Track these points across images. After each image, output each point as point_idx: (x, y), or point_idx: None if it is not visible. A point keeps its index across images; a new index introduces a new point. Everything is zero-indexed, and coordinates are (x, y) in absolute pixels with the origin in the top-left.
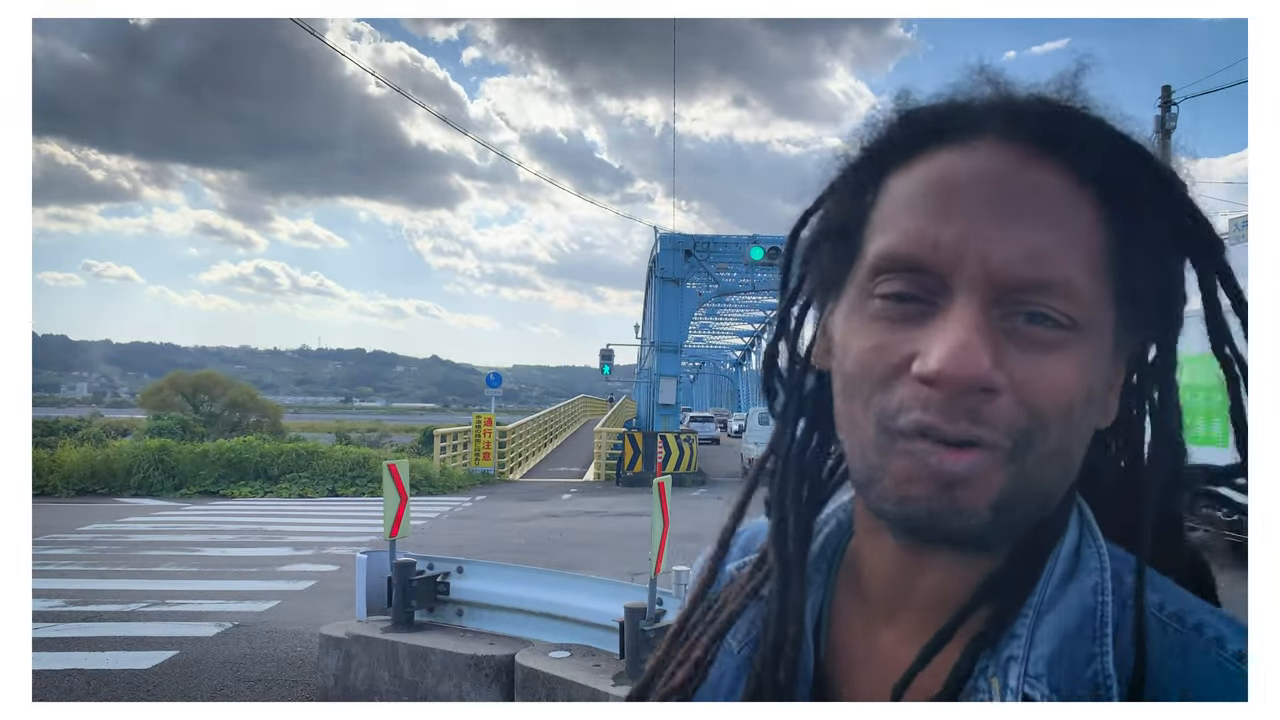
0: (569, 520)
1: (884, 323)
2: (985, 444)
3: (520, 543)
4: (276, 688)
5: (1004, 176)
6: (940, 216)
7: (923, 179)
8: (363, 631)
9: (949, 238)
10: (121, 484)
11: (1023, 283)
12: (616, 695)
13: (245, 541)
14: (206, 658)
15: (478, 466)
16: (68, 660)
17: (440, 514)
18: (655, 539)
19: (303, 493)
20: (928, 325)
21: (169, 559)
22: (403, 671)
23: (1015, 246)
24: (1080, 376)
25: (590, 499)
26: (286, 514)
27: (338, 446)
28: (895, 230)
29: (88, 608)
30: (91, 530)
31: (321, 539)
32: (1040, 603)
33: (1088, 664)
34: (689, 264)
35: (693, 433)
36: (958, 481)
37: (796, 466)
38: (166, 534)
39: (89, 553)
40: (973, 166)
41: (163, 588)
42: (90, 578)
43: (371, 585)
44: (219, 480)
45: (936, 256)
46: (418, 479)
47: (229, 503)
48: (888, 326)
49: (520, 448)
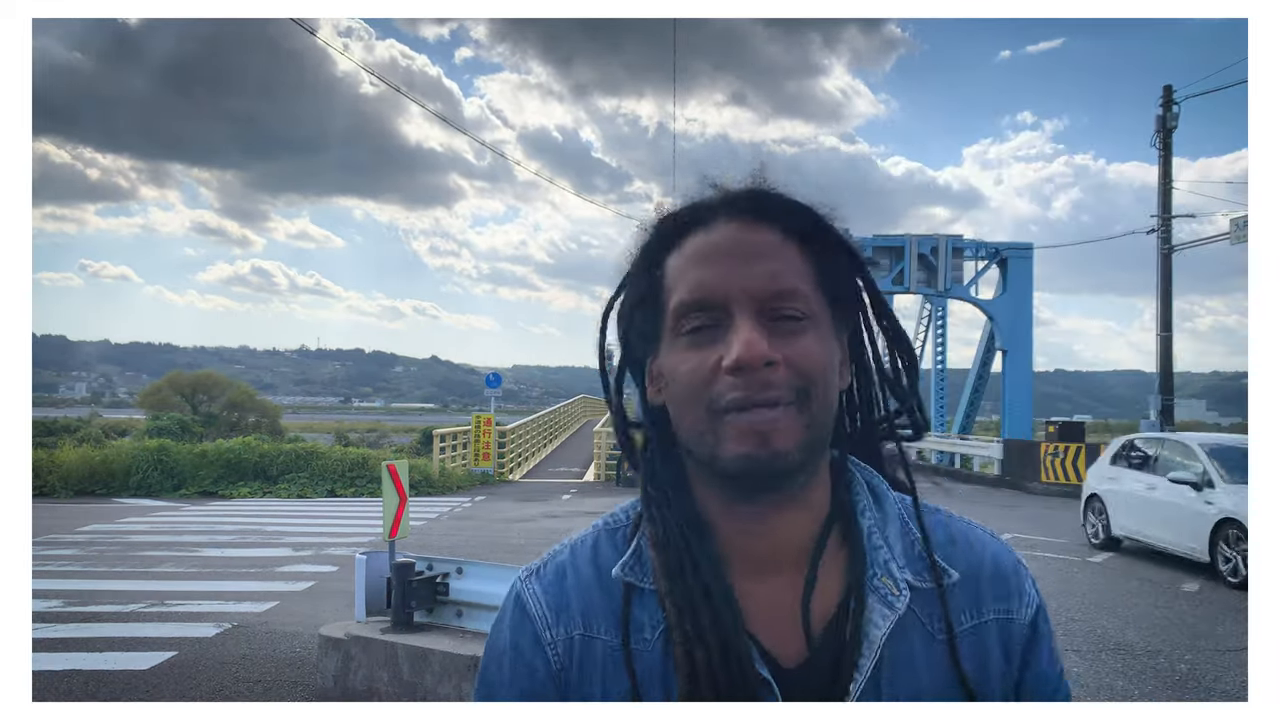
0: (569, 521)
1: (694, 348)
2: (781, 402)
3: (520, 543)
4: (275, 688)
5: (738, 238)
6: (709, 270)
7: (690, 251)
8: (362, 632)
9: (718, 281)
10: (120, 484)
11: (770, 294)
12: None
13: (244, 542)
14: (205, 658)
15: (477, 467)
16: (67, 661)
17: (440, 514)
18: None
19: (302, 493)
20: (722, 339)
21: (168, 559)
22: (402, 672)
23: (759, 275)
24: (820, 347)
25: (590, 499)
26: (285, 514)
27: (337, 447)
28: (683, 287)
29: (87, 608)
30: (90, 531)
31: (320, 540)
32: (875, 521)
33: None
34: None
35: None
36: (772, 431)
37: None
38: (165, 534)
39: (88, 553)
40: (718, 237)
41: (162, 588)
42: (89, 578)
43: (370, 586)
44: (218, 481)
45: (715, 295)
46: (417, 479)
47: (228, 503)
48: (698, 348)
49: (520, 448)
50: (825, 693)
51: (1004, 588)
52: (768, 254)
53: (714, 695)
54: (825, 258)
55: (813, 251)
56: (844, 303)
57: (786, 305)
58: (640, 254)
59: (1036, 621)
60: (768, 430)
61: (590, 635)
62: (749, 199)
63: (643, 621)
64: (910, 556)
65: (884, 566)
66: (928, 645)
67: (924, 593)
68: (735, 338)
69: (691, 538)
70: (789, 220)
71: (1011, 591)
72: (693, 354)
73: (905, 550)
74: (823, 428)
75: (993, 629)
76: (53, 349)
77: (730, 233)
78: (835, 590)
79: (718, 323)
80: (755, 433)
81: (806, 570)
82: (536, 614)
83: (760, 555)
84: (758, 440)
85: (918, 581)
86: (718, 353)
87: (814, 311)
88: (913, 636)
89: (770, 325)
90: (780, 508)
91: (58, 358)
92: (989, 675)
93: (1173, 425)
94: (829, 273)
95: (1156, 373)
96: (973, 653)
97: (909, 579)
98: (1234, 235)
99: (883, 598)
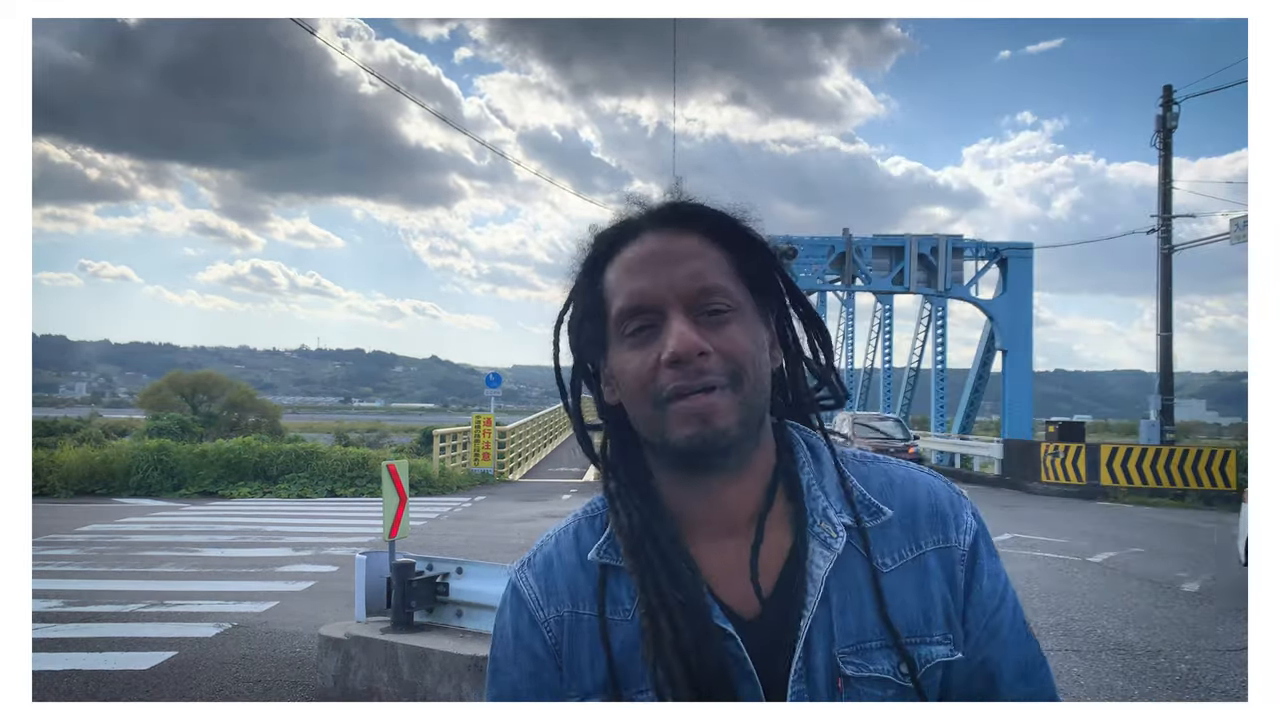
0: None
1: (637, 348)
2: (716, 386)
3: (520, 543)
4: (275, 688)
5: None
6: (641, 278)
7: (624, 263)
8: (362, 632)
9: (650, 286)
10: (120, 484)
11: (696, 292)
12: None
13: (244, 542)
14: (205, 658)
15: (477, 467)
16: (67, 661)
17: (440, 514)
18: None
19: (302, 493)
20: (659, 338)
21: (168, 559)
22: (402, 672)
23: (685, 276)
24: (746, 334)
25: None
26: (285, 514)
27: (337, 447)
28: (622, 296)
29: (87, 608)
30: (90, 531)
31: (320, 539)
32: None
33: (849, 493)
34: None
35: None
36: (711, 413)
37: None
38: (165, 534)
39: (88, 553)
40: (647, 247)
41: (162, 588)
42: (89, 578)
43: (370, 586)
44: (218, 481)
45: (649, 299)
46: (417, 479)
47: (228, 503)
48: (640, 348)
49: (520, 448)
50: (781, 634)
51: (940, 519)
52: (690, 257)
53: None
54: (743, 255)
55: (731, 250)
56: (765, 292)
57: (712, 300)
58: (582, 270)
59: (976, 545)
60: (707, 412)
61: (577, 613)
62: (670, 210)
63: (620, 596)
64: (847, 502)
65: (822, 514)
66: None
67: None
68: (669, 335)
69: (650, 517)
70: (706, 225)
71: (949, 522)
72: (636, 354)
73: (841, 497)
74: (757, 405)
75: (932, 558)
76: (53, 349)
77: (656, 242)
78: (784, 542)
79: (654, 324)
80: (696, 415)
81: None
82: (530, 599)
83: (716, 522)
84: (699, 421)
85: (862, 521)
86: (657, 350)
87: (738, 303)
88: (856, 574)
89: (700, 319)
90: (729, 478)
91: (58, 358)
92: (933, 603)
93: (1172, 425)
94: (748, 267)
95: (1156, 373)
96: (917, 582)
97: (846, 521)
98: (1234, 235)
99: (822, 541)
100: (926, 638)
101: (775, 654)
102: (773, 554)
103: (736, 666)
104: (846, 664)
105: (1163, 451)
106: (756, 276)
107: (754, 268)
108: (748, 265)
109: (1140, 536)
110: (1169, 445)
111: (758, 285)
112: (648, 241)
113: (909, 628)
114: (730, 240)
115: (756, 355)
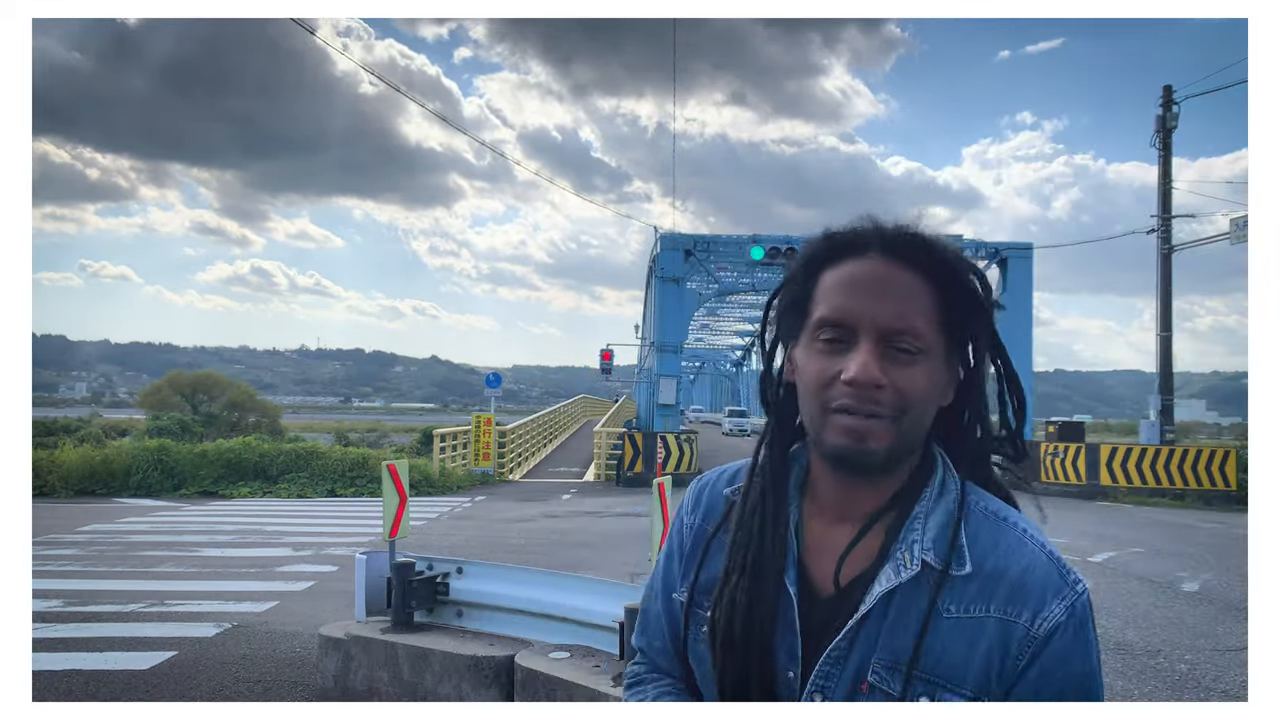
0: (569, 521)
1: (824, 355)
2: (880, 415)
3: (520, 543)
4: (275, 688)
5: (882, 274)
6: (848, 298)
7: (841, 275)
8: (362, 632)
9: (853, 309)
10: (120, 484)
11: (892, 331)
12: (616, 695)
13: (244, 542)
14: (205, 658)
15: (477, 467)
16: (67, 660)
17: (440, 514)
18: (655, 539)
19: (302, 493)
20: (847, 354)
21: (168, 559)
22: (402, 672)
23: (888, 312)
24: (926, 379)
25: (590, 499)
26: (285, 514)
27: (337, 447)
28: (827, 305)
29: (87, 608)
30: (90, 530)
31: (320, 539)
32: (926, 509)
33: (952, 541)
34: (689, 264)
35: (694, 433)
36: (866, 435)
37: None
38: (165, 534)
39: (88, 553)
40: (866, 269)
41: (162, 588)
42: (89, 578)
43: (371, 586)
44: (218, 480)
45: (847, 319)
46: (417, 479)
47: (228, 503)
48: (827, 356)
49: (520, 448)
50: (836, 620)
51: (1021, 596)
52: (901, 294)
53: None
54: (954, 304)
55: (944, 296)
56: (961, 341)
57: (903, 339)
58: (803, 262)
59: (1053, 637)
60: (864, 432)
61: (705, 527)
62: (901, 240)
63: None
64: (940, 541)
65: (908, 544)
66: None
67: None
68: (855, 358)
69: (774, 485)
70: (930, 267)
71: (1029, 602)
72: (822, 359)
73: (938, 535)
74: (912, 437)
75: (993, 625)
76: (53, 349)
77: (876, 268)
78: (874, 550)
79: (846, 340)
80: (854, 432)
81: (858, 530)
82: (685, 506)
83: (836, 507)
84: (855, 438)
85: (936, 562)
86: (840, 364)
87: (928, 346)
88: (919, 604)
89: (887, 352)
90: (860, 482)
91: (58, 358)
92: (972, 660)
93: (1172, 425)
94: (954, 317)
95: (1156, 373)
96: (969, 639)
97: (927, 558)
98: (1234, 235)
99: (895, 565)
100: (950, 684)
101: (829, 631)
102: (864, 555)
103: (784, 623)
104: (874, 673)
105: (1162, 451)
106: (959, 327)
107: (961, 319)
108: (955, 315)
109: (1140, 536)
110: (1169, 445)
111: (956, 334)
112: (868, 263)
113: (941, 670)
114: (948, 289)
115: (928, 397)
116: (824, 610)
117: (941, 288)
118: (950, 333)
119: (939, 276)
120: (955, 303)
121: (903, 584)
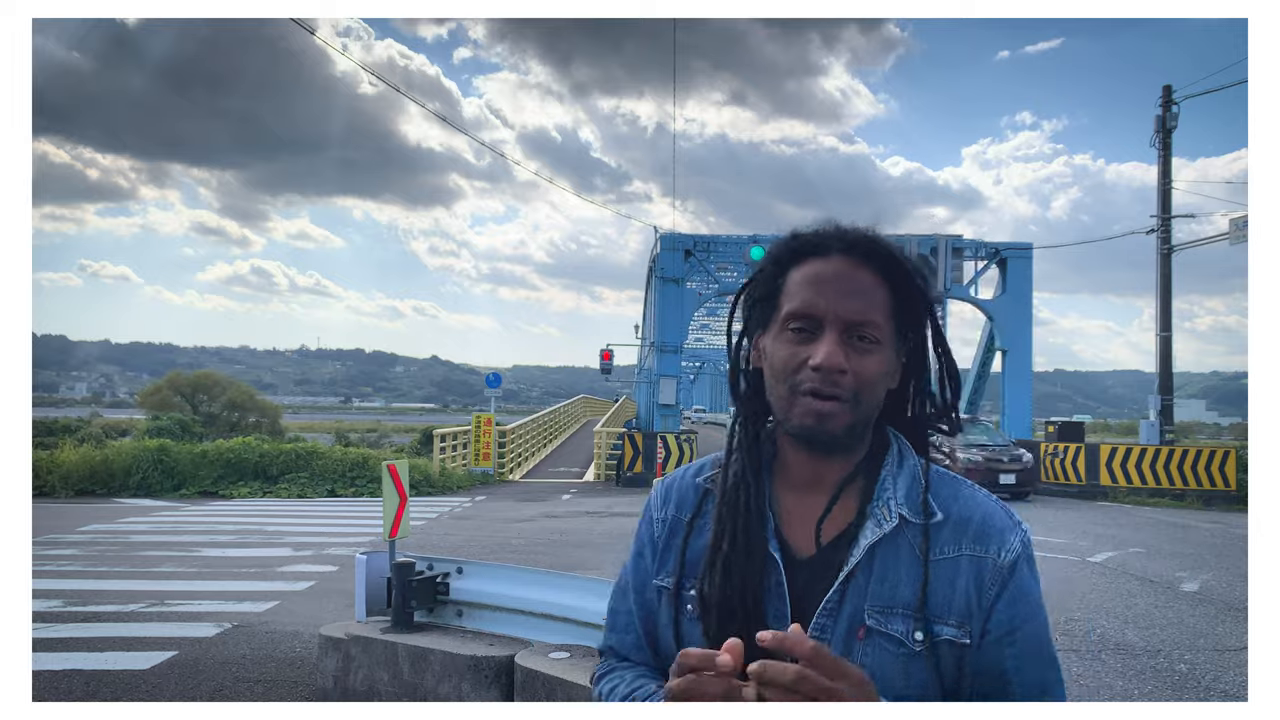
0: (569, 521)
1: (793, 344)
2: (840, 398)
3: (520, 543)
4: (276, 688)
5: (844, 273)
6: (816, 293)
7: (808, 273)
8: (362, 632)
9: (820, 303)
10: (120, 484)
11: (854, 322)
12: None
13: (244, 542)
14: (206, 658)
15: (477, 467)
16: (67, 661)
17: (440, 514)
18: None
19: (302, 493)
20: (813, 343)
21: (168, 559)
22: (402, 672)
23: (851, 307)
24: (880, 365)
25: (590, 499)
26: (286, 514)
27: (337, 447)
28: (795, 300)
29: (87, 608)
30: (90, 530)
31: (321, 539)
32: (891, 474)
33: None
34: (689, 264)
35: (693, 433)
36: (828, 415)
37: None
38: (166, 534)
39: (88, 553)
40: (830, 268)
41: (162, 588)
42: (89, 578)
43: (371, 586)
44: (218, 480)
45: (815, 312)
46: (417, 479)
47: (228, 503)
48: (795, 344)
49: (520, 448)
50: (824, 577)
51: (985, 536)
52: (861, 291)
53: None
54: (905, 302)
55: (897, 295)
56: (909, 333)
57: (863, 331)
58: (772, 260)
59: (1016, 564)
60: (826, 413)
61: (679, 517)
62: (861, 242)
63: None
64: (910, 498)
65: (884, 501)
66: (912, 565)
67: (915, 526)
68: (821, 347)
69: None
70: (886, 268)
71: (991, 540)
72: (791, 347)
73: (908, 494)
74: (866, 417)
75: (965, 562)
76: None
77: (838, 267)
78: (850, 513)
79: (812, 330)
80: (817, 413)
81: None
82: (653, 502)
83: (805, 480)
84: (817, 418)
85: (911, 516)
86: (807, 352)
87: (883, 338)
88: (901, 554)
89: (848, 342)
90: (825, 455)
91: (58, 358)
92: (954, 595)
93: (1172, 425)
94: (905, 313)
95: (1156, 373)
96: (946, 576)
97: (903, 512)
98: (1234, 235)
99: (876, 520)
100: (940, 618)
101: (814, 590)
102: (840, 517)
103: (774, 588)
104: (871, 617)
105: (1162, 451)
106: (908, 323)
107: (910, 315)
108: (906, 312)
109: (1140, 536)
110: (1169, 445)
111: (905, 328)
112: (833, 263)
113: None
114: (900, 288)
115: (880, 381)
116: (806, 571)
117: (893, 286)
118: (899, 325)
119: (892, 276)
120: (905, 299)
121: (885, 536)
